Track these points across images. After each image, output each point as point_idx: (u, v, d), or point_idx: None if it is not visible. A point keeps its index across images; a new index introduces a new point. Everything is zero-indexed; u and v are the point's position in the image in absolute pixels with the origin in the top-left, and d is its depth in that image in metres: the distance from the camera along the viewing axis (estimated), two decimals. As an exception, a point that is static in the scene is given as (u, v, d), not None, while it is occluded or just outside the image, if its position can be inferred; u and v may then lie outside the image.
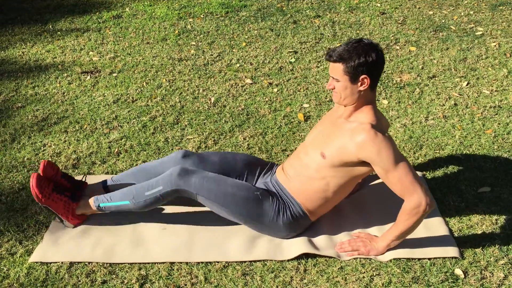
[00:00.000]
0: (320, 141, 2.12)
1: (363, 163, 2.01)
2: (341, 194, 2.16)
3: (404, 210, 1.97)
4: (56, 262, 2.08)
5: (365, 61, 1.91)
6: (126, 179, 2.36)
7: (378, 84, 3.57)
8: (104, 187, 2.37)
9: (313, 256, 2.10)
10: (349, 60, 1.92)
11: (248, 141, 2.94)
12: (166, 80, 3.71)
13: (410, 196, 1.94)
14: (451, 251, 2.09)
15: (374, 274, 2.01)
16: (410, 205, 1.94)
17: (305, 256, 2.10)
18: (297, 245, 2.12)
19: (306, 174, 2.13)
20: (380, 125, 2.02)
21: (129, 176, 2.36)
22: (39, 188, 2.17)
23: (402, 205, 1.98)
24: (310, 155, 2.13)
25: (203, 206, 2.39)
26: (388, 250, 2.10)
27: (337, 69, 1.97)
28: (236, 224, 2.28)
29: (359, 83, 1.97)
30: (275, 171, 2.32)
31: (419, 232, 2.21)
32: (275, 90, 3.53)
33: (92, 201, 2.23)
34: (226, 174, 2.28)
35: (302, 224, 2.17)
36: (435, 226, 2.24)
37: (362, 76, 1.95)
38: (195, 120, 3.17)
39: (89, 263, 2.08)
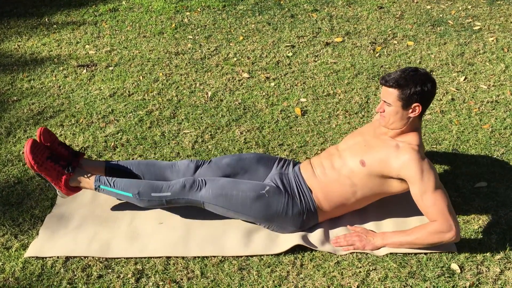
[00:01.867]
0: (361, 149, 2.14)
1: (400, 181, 2.06)
2: (360, 205, 2.20)
3: (429, 227, 1.99)
4: (52, 257, 2.07)
5: (421, 90, 1.99)
6: (132, 168, 2.33)
7: (376, 78, 3.56)
8: (107, 167, 2.34)
9: (310, 250, 2.10)
10: (406, 88, 1.99)
11: (245, 135, 2.93)
12: (162, 74, 3.69)
13: (443, 220, 1.96)
14: (447, 245, 2.09)
15: (371, 269, 2.01)
16: (438, 227, 1.96)
17: (302, 250, 2.10)
18: (292, 238, 2.12)
19: (335, 177, 2.14)
20: (423, 152, 2.07)
21: (136, 166, 2.34)
22: (32, 154, 2.13)
23: (429, 223, 2.00)
24: (346, 160, 2.15)
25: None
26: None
27: (391, 94, 2.02)
28: (232, 218, 2.27)
29: (410, 110, 2.03)
30: (298, 164, 2.33)
31: (416, 227, 2.21)
32: (272, 84, 3.52)
33: (93, 179, 2.20)
34: (239, 173, 2.29)
35: (308, 221, 2.18)
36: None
37: (415, 104, 2.01)
38: (192, 114, 3.16)
39: (85, 257, 2.07)
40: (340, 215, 2.24)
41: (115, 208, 2.35)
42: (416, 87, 1.98)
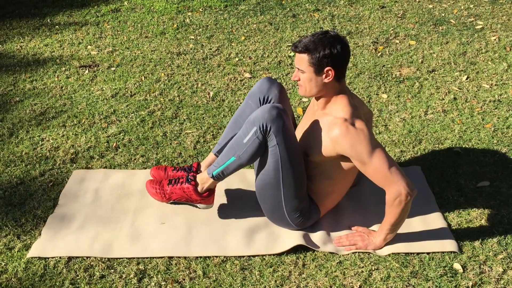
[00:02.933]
0: (302, 141, 2.12)
1: (344, 157, 2.00)
2: (346, 182, 2.17)
3: (387, 202, 1.97)
4: (54, 257, 2.07)
5: (330, 52, 1.90)
6: (230, 134, 2.31)
7: (378, 78, 3.55)
8: (217, 154, 2.35)
9: (312, 250, 2.10)
10: (315, 51, 1.91)
11: (246, 135, 2.93)
12: (164, 74, 3.69)
13: (388, 187, 1.93)
14: (450, 245, 2.09)
15: (373, 269, 2.01)
16: (390, 196, 1.94)
17: (304, 250, 2.10)
18: (294, 238, 2.12)
19: (309, 172, 2.13)
20: (357, 114, 1.99)
21: (231, 129, 2.31)
22: (153, 190, 2.28)
23: (386, 196, 1.97)
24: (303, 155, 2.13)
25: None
26: (386, 244, 2.10)
27: (302, 60, 1.95)
28: (234, 218, 2.27)
29: (324, 75, 1.95)
30: None
31: (418, 227, 2.21)
32: (274, 84, 3.52)
33: (206, 173, 2.18)
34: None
35: (312, 218, 2.18)
36: (434, 221, 2.24)
37: (327, 68, 1.93)
38: (194, 114, 3.16)
39: (87, 257, 2.08)
40: (340, 199, 2.23)
41: (117, 208, 2.36)
42: (325, 50, 1.89)
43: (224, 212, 2.33)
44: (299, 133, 2.18)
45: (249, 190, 2.46)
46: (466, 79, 3.53)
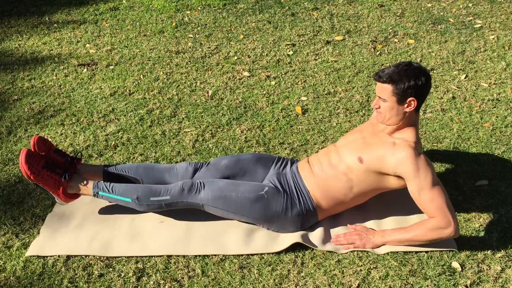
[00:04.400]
0: (359, 146, 2.14)
1: (397, 178, 2.05)
2: (358, 201, 2.20)
3: (428, 223, 1.99)
4: (53, 256, 2.07)
5: (415, 84, 1.97)
6: (130, 172, 2.33)
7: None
8: (105, 172, 2.32)
9: (310, 249, 2.10)
10: (399, 83, 1.98)
11: (245, 134, 2.93)
12: (163, 73, 3.69)
13: (441, 216, 1.96)
14: (448, 244, 2.09)
15: (372, 267, 2.01)
16: (437, 223, 1.97)
17: (303, 249, 2.10)
18: (293, 236, 2.13)
19: (332, 173, 2.14)
20: (420, 148, 2.07)
21: (134, 170, 2.33)
22: (28, 164, 2.12)
23: (428, 219, 2.00)
24: (343, 157, 2.14)
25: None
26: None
27: (385, 90, 2.01)
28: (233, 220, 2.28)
29: (406, 105, 2.02)
30: (296, 163, 2.33)
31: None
32: (273, 83, 3.52)
33: (91, 185, 2.20)
34: (237, 174, 2.29)
35: (308, 220, 2.18)
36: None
37: (410, 99, 2.00)
38: (193, 113, 3.16)
39: (86, 256, 2.08)
40: (339, 211, 2.24)
41: (116, 207, 2.35)
42: (410, 81, 1.97)
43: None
44: (355, 137, 2.20)
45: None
46: (465, 78, 3.53)
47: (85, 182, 2.21)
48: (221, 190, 2.14)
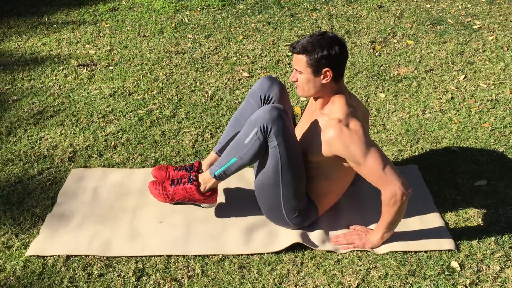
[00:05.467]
0: (301, 139, 2.12)
1: (341, 157, 2.01)
2: (344, 182, 2.18)
3: (383, 201, 1.98)
4: (52, 256, 2.07)
5: (328, 54, 1.90)
6: (231, 133, 2.31)
7: (375, 77, 3.56)
8: (218, 153, 2.35)
9: (310, 249, 2.10)
10: (312, 53, 1.91)
11: (245, 134, 2.93)
12: (162, 73, 3.69)
13: (384, 187, 1.94)
14: (447, 244, 2.10)
15: (371, 267, 2.02)
16: (386, 196, 1.95)
17: (302, 249, 2.10)
18: (292, 236, 2.13)
19: (307, 172, 2.13)
20: (354, 114, 1.99)
21: (232, 128, 2.31)
22: (156, 192, 2.28)
23: (382, 196, 1.98)
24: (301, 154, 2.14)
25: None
26: (384, 242, 2.10)
27: (300, 61, 1.96)
28: (233, 217, 2.28)
29: (322, 76, 1.95)
30: None
31: (415, 225, 2.22)
32: (272, 83, 3.52)
33: (208, 173, 2.18)
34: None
35: (310, 218, 2.19)
36: (431, 219, 2.25)
37: (325, 69, 1.93)
38: (192, 113, 3.16)
39: (86, 256, 2.08)
40: (338, 199, 2.24)
41: (116, 207, 2.36)
42: (323, 51, 1.90)
43: (223, 210, 2.33)
44: (298, 132, 2.19)
45: (247, 189, 2.47)
46: (464, 78, 3.54)
47: (203, 174, 2.21)
48: (295, 148, 2.01)
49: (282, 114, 1.97)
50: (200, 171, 2.36)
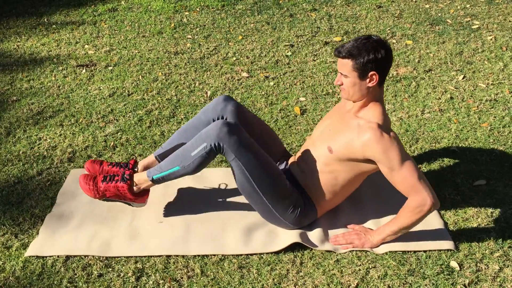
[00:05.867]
0: (327, 135, 2.12)
1: (369, 161, 2.03)
2: (349, 188, 2.18)
3: (407, 207, 1.98)
4: (52, 256, 2.07)
5: (374, 57, 1.93)
6: (175, 142, 2.31)
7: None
8: (158, 157, 2.34)
9: (309, 249, 2.10)
10: (358, 57, 1.93)
11: (244, 134, 2.93)
12: (162, 73, 3.69)
13: (415, 194, 1.95)
14: (446, 243, 2.10)
15: (370, 267, 2.02)
16: (414, 203, 1.95)
17: (301, 249, 2.10)
18: (292, 236, 2.13)
19: (316, 167, 2.13)
20: (387, 123, 2.04)
21: (178, 138, 2.32)
22: (86, 187, 2.21)
23: (406, 202, 1.99)
24: (318, 148, 2.14)
25: (199, 199, 2.40)
26: (382, 243, 2.10)
27: (346, 65, 1.98)
28: (232, 217, 2.28)
29: (368, 80, 1.98)
30: (288, 162, 2.33)
31: (415, 225, 2.22)
32: (272, 83, 3.53)
33: (145, 175, 2.18)
34: (259, 138, 2.25)
35: (308, 217, 2.19)
36: (430, 219, 2.25)
37: (371, 73, 1.96)
38: (191, 113, 3.16)
39: (85, 256, 2.08)
40: (337, 203, 2.24)
41: (115, 207, 2.36)
42: (369, 55, 1.92)
43: (222, 210, 2.33)
44: (325, 127, 2.18)
45: (246, 189, 2.46)
46: (463, 78, 3.54)
47: (139, 175, 2.20)
48: (255, 151, 2.05)
49: (233, 129, 2.02)
50: (135, 169, 2.33)
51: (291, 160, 2.31)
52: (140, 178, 2.20)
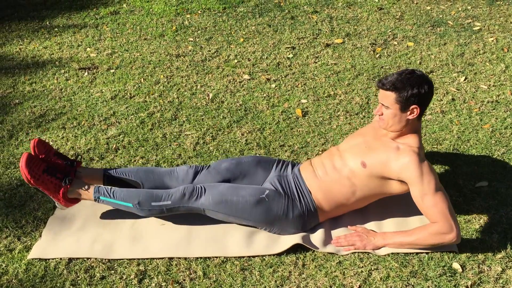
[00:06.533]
0: (362, 150, 2.15)
1: (400, 182, 2.07)
2: (360, 204, 2.21)
3: (429, 228, 2.00)
4: (54, 258, 2.08)
5: (418, 92, 1.99)
6: (130, 176, 2.32)
7: (376, 79, 3.57)
8: (105, 176, 2.31)
9: (312, 251, 2.11)
10: (403, 90, 2.00)
11: (246, 136, 2.94)
12: (164, 76, 3.70)
13: (443, 221, 1.97)
14: (449, 246, 2.10)
15: (372, 269, 2.02)
16: (438, 228, 1.97)
17: (304, 251, 2.10)
18: (294, 238, 2.13)
19: (335, 177, 2.15)
20: (423, 153, 2.09)
21: (135, 174, 2.32)
22: (28, 168, 2.09)
23: (430, 224, 2.01)
24: (347, 161, 2.16)
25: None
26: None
27: (388, 97, 2.03)
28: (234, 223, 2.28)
29: (409, 112, 2.04)
30: (297, 165, 2.34)
31: (416, 226, 2.21)
32: (273, 85, 3.53)
33: (92, 190, 2.18)
34: (238, 177, 2.29)
35: (309, 222, 2.19)
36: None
37: (413, 106, 2.02)
38: (193, 116, 3.17)
39: (87, 259, 2.08)
40: (340, 214, 2.25)
41: (118, 210, 2.36)
42: (413, 89, 1.99)
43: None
44: (357, 141, 2.21)
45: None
46: (464, 80, 3.54)
47: (86, 186, 2.19)
48: (222, 194, 2.14)
49: (194, 193, 2.14)
50: (78, 172, 2.28)
51: (305, 163, 2.31)
52: (84, 192, 2.18)
